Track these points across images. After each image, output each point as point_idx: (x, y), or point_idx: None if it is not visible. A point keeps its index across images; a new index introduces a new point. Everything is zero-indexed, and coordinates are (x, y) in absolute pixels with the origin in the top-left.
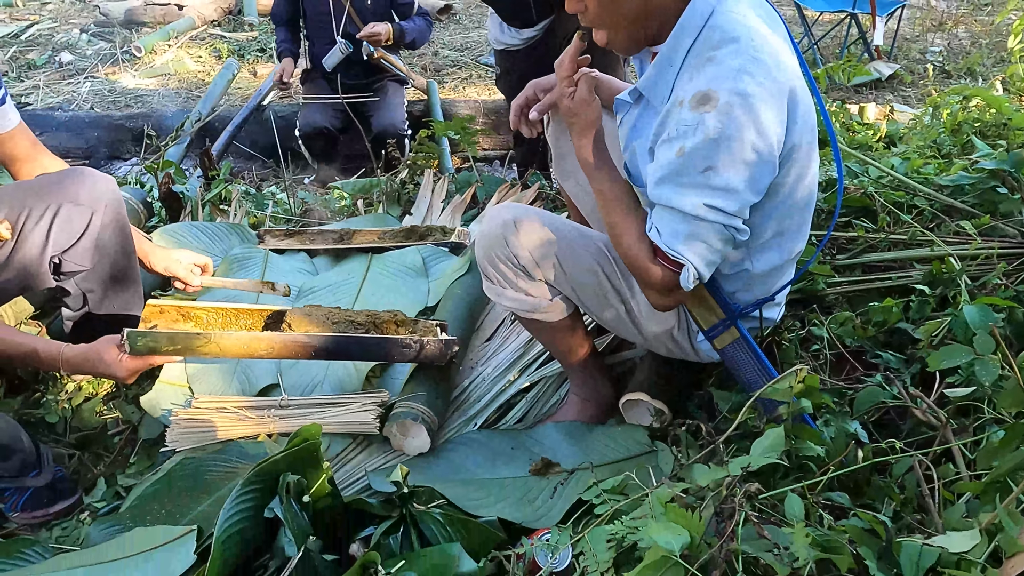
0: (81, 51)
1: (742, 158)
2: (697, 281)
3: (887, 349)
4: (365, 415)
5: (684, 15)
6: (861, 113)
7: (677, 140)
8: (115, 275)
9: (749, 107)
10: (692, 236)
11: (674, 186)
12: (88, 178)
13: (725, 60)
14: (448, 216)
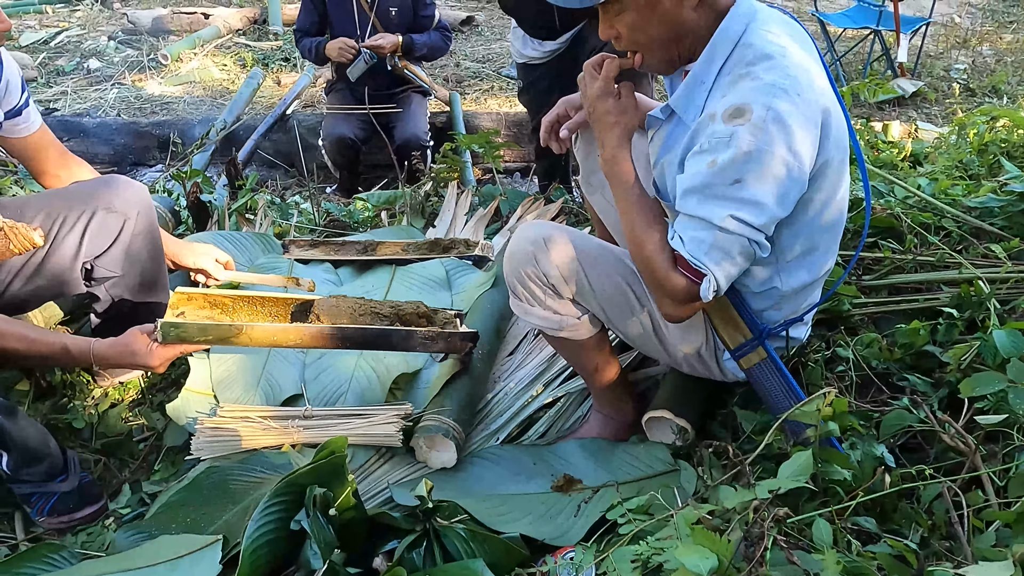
0: (109, 58)
1: (772, 173)
2: (716, 292)
3: (914, 372)
4: (388, 427)
5: (716, 34)
6: (885, 131)
7: (709, 152)
8: (144, 282)
9: (782, 123)
10: (715, 247)
11: (703, 197)
12: (122, 185)
13: (760, 76)
14: (471, 229)
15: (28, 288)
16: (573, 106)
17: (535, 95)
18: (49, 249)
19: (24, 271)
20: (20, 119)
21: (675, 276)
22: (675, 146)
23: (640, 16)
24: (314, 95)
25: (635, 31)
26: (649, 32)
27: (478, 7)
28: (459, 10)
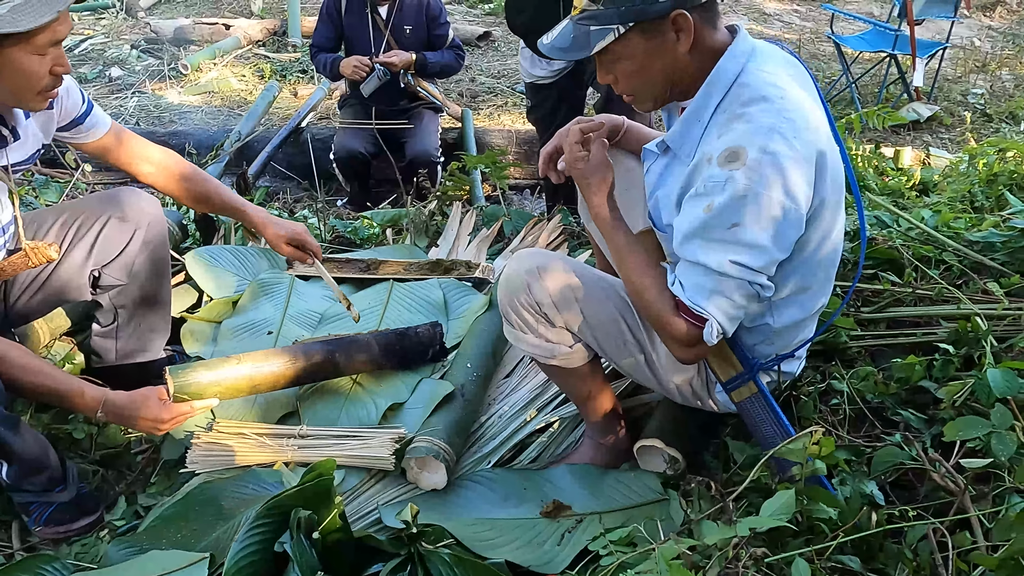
0: (130, 67)
1: (769, 215)
2: (721, 336)
3: (908, 407)
4: (382, 450)
5: (714, 72)
6: (897, 158)
7: (705, 196)
8: (147, 294)
9: (778, 166)
10: (715, 291)
11: (701, 241)
12: (135, 196)
13: (755, 118)
14: (474, 249)
15: (38, 297)
16: None
17: (543, 114)
18: (61, 257)
19: (35, 282)
20: (83, 126)
21: (678, 321)
22: (671, 182)
23: (634, 63)
24: (329, 108)
25: (630, 77)
26: (643, 78)
27: (495, 23)
28: (476, 25)
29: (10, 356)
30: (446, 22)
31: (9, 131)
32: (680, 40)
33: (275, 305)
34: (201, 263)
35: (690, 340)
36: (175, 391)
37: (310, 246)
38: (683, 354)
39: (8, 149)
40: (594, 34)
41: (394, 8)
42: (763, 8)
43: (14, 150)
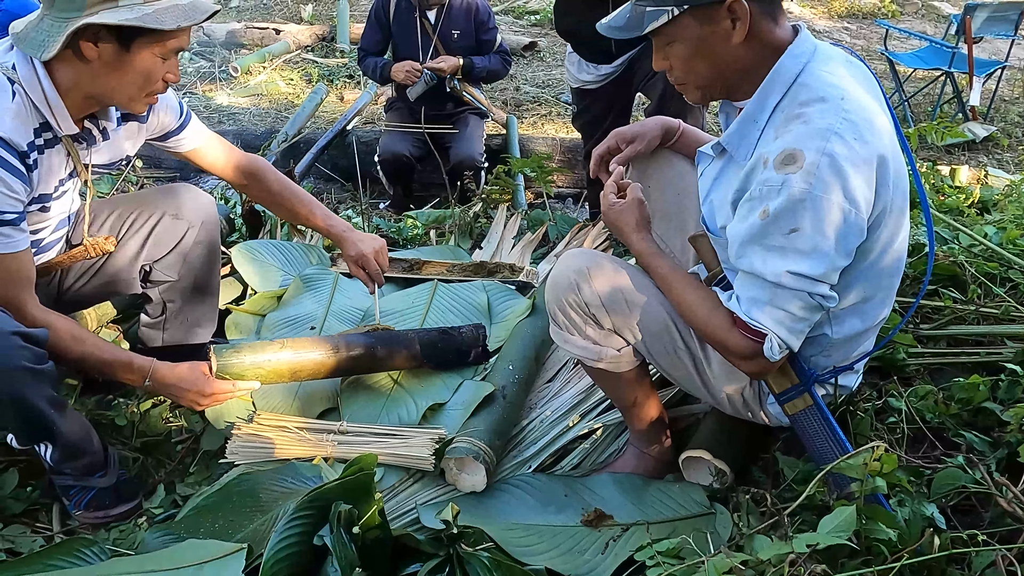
0: (182, 68)
1: (829, 219)
2: (786, 351)
3: (971, 429)
4: (421, 450)
5: (772, 72)
6: (953, 175)
7: (760, 201)
8: (196, 290)
9: (837, 168)
10: (772, 305)
11: (758, 249)
12: (191, 194)
13: (812, 119)
14: (518, 252)
15: (89, 286)
16: (624, 139)
17: (589, 120)
18: (114, 250)
19: (88, 271)
20: (179, 137)
21: (735, 337)
22: (725, 184)
23: (686, 48)
24: (374, 112)
25: (684, 64)
26: (697, 65)
27: (541, 33)
28: (523, 35)
29: (60, 328)
30: (494, 27)
31: (99, 131)
32: (735, 29)
33: (318, 300)
34: (247, 257)
35: (752, 353)
36: (217, 370)
37: (370, 270)
38: (748, 367)
39: (94, 149)
40: (648, 14)
41: (442, 13)
42: (813, 24)
43: (99, 152)
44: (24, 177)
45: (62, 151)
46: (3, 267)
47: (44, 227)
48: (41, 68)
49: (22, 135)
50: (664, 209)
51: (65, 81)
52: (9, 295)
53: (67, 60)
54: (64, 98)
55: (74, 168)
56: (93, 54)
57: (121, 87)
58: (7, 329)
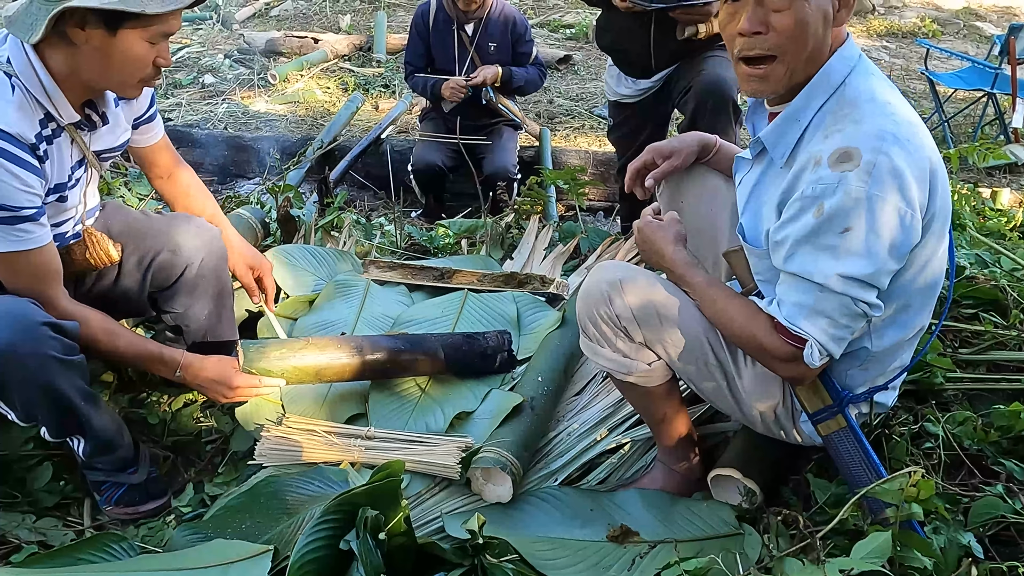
0: (223, 75)
1: (884, 220)
2: (826, 358)
3: (1011, 458)
4: (448, 458)
5: (822, 72)
6: (994, 198)
7: (814, 200)
8: (209, 318)
9: (893, 167)
10: (815, 311)
11: (809, 249)
12: (192, 229)
13: (864, 120)
14: (549, 264)
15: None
16: (661, 154)
17: (625, 133)
18: (118, 273)
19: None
20: (145, 128)
21: (775, 341)
22: (768, 189)
23: (806, 12)
24: (408, 121)
25: (791, 28)
26: (803, 37)
27: (576, 47)
28: (558, 49)
29: (92, 320)
30: (531, 40)
31: (99, 116)
32: (839, 12)
33: (350, 306)
34: (281, 261)
35: (792, 358)
36: (244, 364)
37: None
38: (786, 371)
39: (98, 134)
40: None
41: (480, 26)
42: None
43: (104, 135)
44: (37, 170)
45: (67, 139)
46: (29, 262)
47: (66, 219)
48: (36, 58)
49: (28, 128)
50: (697, 225)
51: (59, 68)
52: (38, 289)
53: (58, 47)
54: (61, 86)
55: (83, 156)
56: (81, 39)
57: (112, 72)
58: (37, 319)
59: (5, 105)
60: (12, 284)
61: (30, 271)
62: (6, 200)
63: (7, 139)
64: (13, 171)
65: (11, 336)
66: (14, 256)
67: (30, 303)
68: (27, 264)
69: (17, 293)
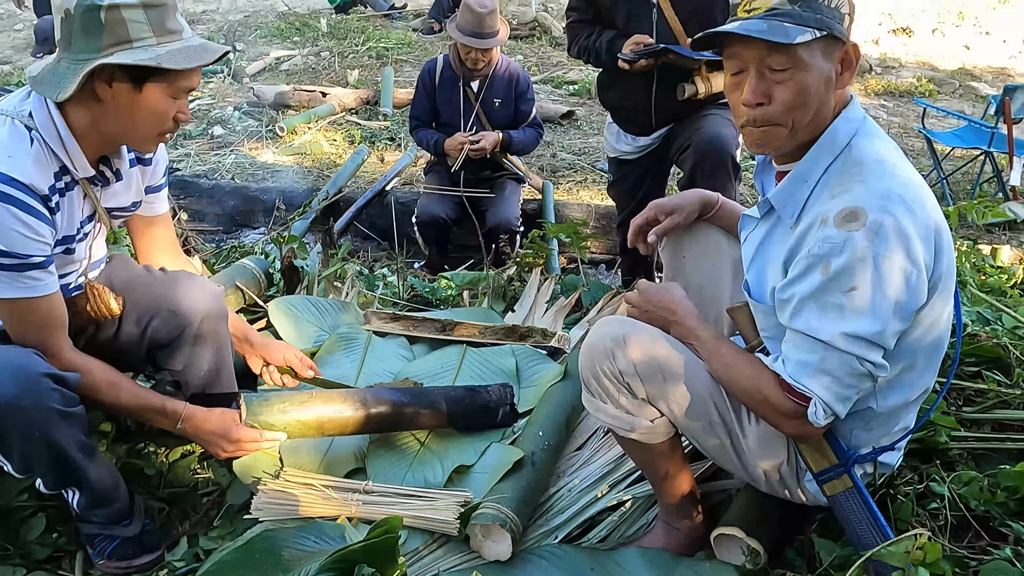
0: (231, 126)
1: (890, 280)
2: (831, 417)
3: (1018, 520)
4: (447, 513)
5: (826, 134)
6: (994, 255)
7: (821, 258)
8: (208, 376)
9: (899, 228)
10: (820, 369)
11: (815, 306)
12: (194, 289)
13: (871, 180)
14: (551, 317)
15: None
16: (663, 211)
17: (624, 189)
18: (118, 328)
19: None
20: (153, 197)
21: (780, 397)
22: (775, 247)
23: (805, 78)
24: (413, 173)
25: (794, 97)
26: (807, 103)
27: (579, 102)
28: (561, 104)
29: (95, 371)
30: (532, 98)
31: (113, 172)
32: (842, 75)
33: (351, 361)
34: (283, 312)
35: (794, 414)
36: (247, 419)
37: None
38: (791, 429)
39: (111, 190)
40: (793, 29)
41: (485, 83)
42: None
43: (116, 194)
44: (48, 220)
45: (79, 193)
46: (35, 310)
47: (71, 271)
48: (56, 114)
49: (43, 180)
50: (699, 281)
51: (80, 123)
52: (43, 338)
53: (81, 102)
54: (79, 141)
55: (94, 210)
56: (107, 94)
57: (134, 126)
58: (39, 371)
59: (23, 156)
60: (18, 331)
61: (36, 319)
62: (16, 248)
63: (21, 189)
64: (25, 220)
65: (13, 388)
66: (22, 303)
67: (33, 354)
68: (34, 312)
69: (23, 340)
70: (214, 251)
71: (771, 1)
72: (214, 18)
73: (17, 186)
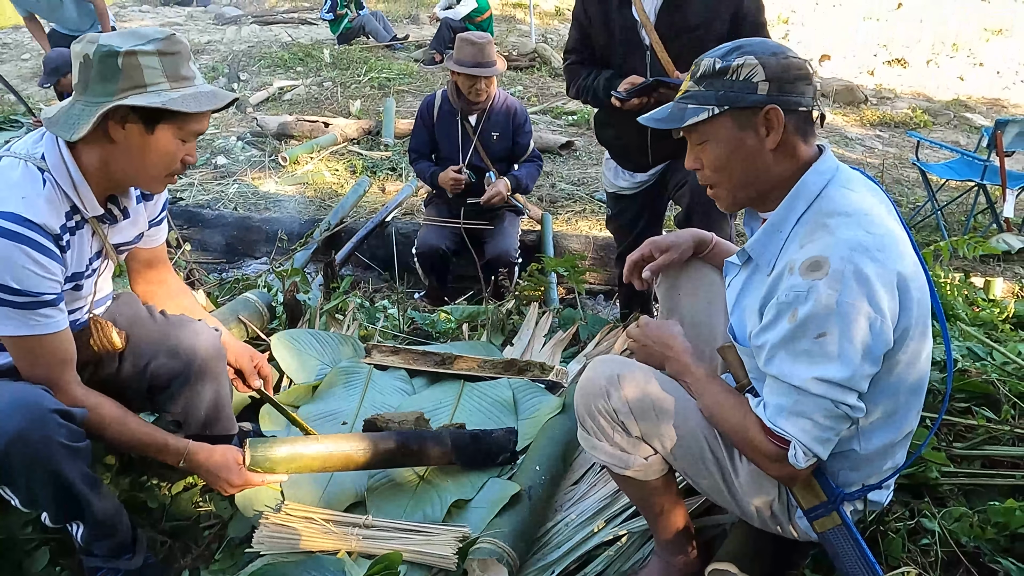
0: (235, 156)
1: (856, 326)
2: (813, 459)
3: (1008, 556)
4: (445, 548)
5: (798, 186)
6: (987, 288)
7: (789, 306)
8: (207, 418)
9: (861, 276)
10: (795, 412)
11: (786, 354)
12: (192, 334)
13: (837, 230)
14: (548, 351)
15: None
16: (659, 248)
17: (622, 224)
18: (119, 368)
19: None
20: (155, 230)
21: (763, 440)
22: (752, 293)
23: (720, 149)
24: (414, 204)
25: (716, 164)
26: (726, 167)
27: (578, 133)
28: (560, 135)
29: (103, 407)
30: (529, 131)
31: (120, 211)
32: (768, 136)
33: (352, 395)
34: (286, 346)
35: (779, 457)
36: (250, 464)
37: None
38: (775, 472)
39: (118, 227)
40: (689, 111)
41: (483, 116)
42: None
43: (122, 229)
44: (59, 259)
45: (88, 231)
46: (46, 346)
47: (78, 307)
48: (68, 156)
49: (55, 220)
50: (693, 318)
51: (91, 164)
52: (52, 374)
53: (94, 143)
54: (89, 181)
55: (102, 247)
56: (120, 135)
57: (144, 166)
58: (47, 406)
59: (36, 197)
60: (28, 367)
61: (46, 355)
62: (28, 286)
63: (34, 228)
64: (37, 259)
65: (21, 424)
66: (33, 340)
67: (41, 390)
68: (44, 348)
69: (32, 376)
70: (217, 283)
71: (686, 85)
72: (219, 48)
73: (30, 226)
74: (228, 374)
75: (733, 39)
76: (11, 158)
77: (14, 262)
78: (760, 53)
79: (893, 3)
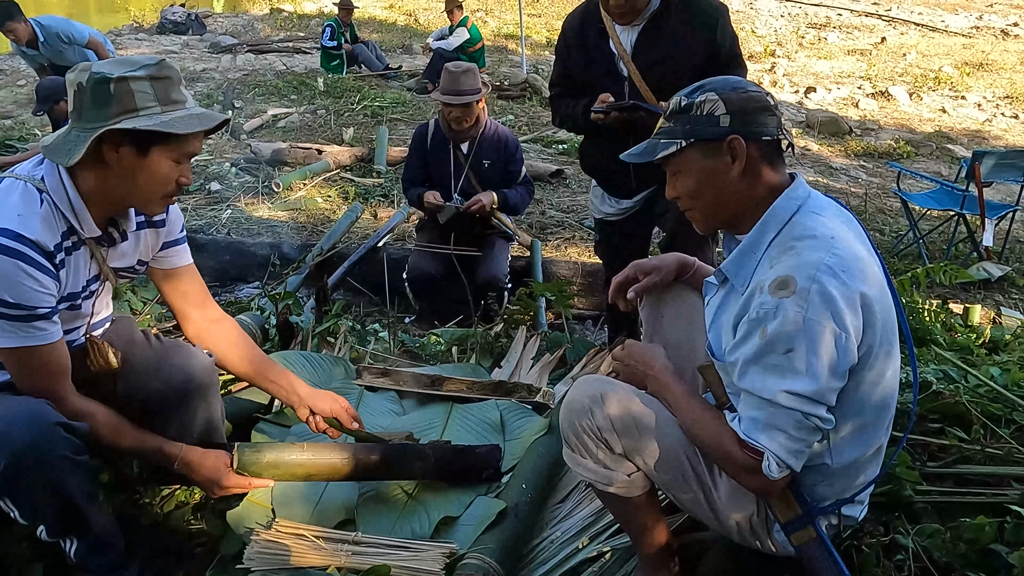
0: (228, 182)
1: (822, 342)
2: (787, 471)
3: (979, 571)
4: (432, 564)
5: (770, 210)
6: (966, 315)
7: (759, 323)
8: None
9: (826, 295)
10: (768, 425)
11: (757, 369)
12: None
13: (803, 252)
14: (536, 373)
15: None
16: (642, 270)
17: (610, 249)
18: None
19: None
20: (172, 251)
21: (739, 454)
22: (728, 310)
23: (691, 179)
24: (406, 230)
25: (690, 192)
26: (698, 195)
27: (568, 161)
28: (550, 163)
29: (99, 416)
30: (520, 159)
31: (119, 234)
32: (734, 164)
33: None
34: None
35: (752, 469)
36: (237, 466)
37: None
38: (751, 484)
39: (117, 251)
40: (660, 145)
41: (474, 145)
42: (829, 162)
43: (123, 254)
44: (53, 275)
45: (86, 253)
46: (41, 358)
47: (76, 326)
48: (67, 179)
49: (50, 238)
50: (676, 339)
51: (88, 187)
52: (48, 386)
53: (90, 167)
54: (87, 203)
55: (100, 270)
56: (114, 159)
57: (139, 189)
58: (51, 420)
59: (32, 216)
60: (25, 378)
61: (42, 366)
62: (23, 300)
63: (28, 244)
64: (32, 274)
65: (28, 437)
66: (28, 351)
67: (44, 403)
68: (39, 359)
69: (29, 387)
70: None
71: (660, 122)
72: (214, 76)
73: (24, 242)
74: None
75: (711, 68)
76: (12, 179)
77: (9, 276)
78: (721, 89)
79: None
